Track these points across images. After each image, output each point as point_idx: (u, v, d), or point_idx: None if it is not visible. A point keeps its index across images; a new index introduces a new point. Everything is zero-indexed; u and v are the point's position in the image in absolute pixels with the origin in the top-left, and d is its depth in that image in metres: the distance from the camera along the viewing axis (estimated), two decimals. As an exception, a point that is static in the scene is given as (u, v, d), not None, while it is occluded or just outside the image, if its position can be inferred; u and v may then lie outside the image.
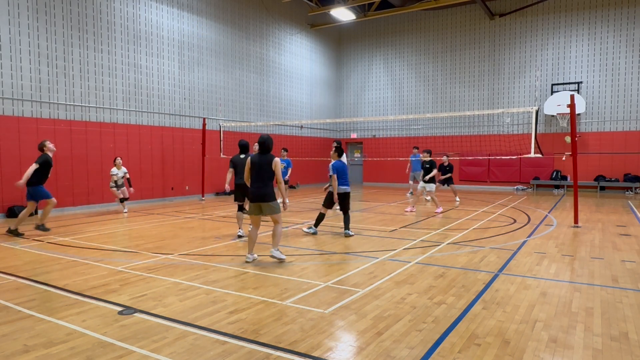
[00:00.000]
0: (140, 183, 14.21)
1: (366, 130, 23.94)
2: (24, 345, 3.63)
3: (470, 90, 21.07)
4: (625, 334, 3.85)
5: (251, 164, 6.45)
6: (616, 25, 18.02)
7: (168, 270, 5.99)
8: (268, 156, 6.40)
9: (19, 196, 11.32)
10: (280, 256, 6.40)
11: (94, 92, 12.99)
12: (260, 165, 6.38)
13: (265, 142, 6.42)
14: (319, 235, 8.62)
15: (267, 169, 6.35)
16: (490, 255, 6.87)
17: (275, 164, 6.35)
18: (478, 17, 20.70)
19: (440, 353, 3.48)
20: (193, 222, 10.42)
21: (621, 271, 5.93)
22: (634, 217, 11.21)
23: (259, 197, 6.32)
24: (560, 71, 19.08)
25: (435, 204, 12.56)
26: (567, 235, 8.57)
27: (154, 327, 4.01)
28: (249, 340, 3.71)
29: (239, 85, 18.21)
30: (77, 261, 6.51)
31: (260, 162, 6.39)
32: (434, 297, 4.82)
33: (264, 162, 6.38)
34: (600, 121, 18.38)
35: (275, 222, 6.47)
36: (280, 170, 6.44)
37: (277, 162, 6.38)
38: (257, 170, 6.38)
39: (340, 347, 3.61)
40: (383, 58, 23.34)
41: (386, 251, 7.16)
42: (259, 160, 6.41)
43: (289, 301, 4.69)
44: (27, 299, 4.80)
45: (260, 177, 6.36)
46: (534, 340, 3.72)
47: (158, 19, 14.83)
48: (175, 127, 15.53)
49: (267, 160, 6.37)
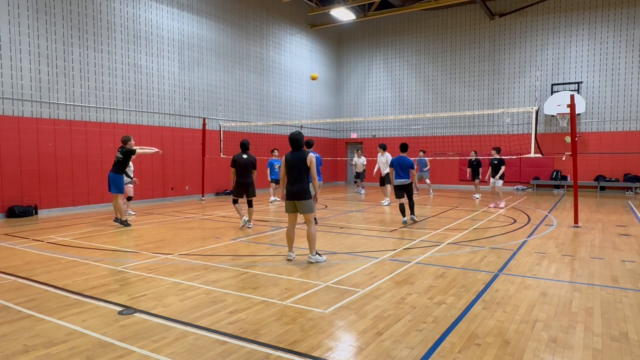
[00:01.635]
0: (140, 183, 14.21)
1: (366, 130, 23.94)
2: (24, 345, 3.63)
3: (470, 90, 21.07)
4: (625, 334, 3.85)
5: (285, 162, 6.41)
6: (616, 25, 18.02)
7: (168, 270, 5.98)
8: (302, 152, 6.34)
9: (19, 196, 11.33)
10: (321, 259, 6.36)
11: (94, 92, 12.99)
12: (293, 163, 6.32)
13: (295, 138, 6.34)
14: (319, 235, 8.61)
15: (302, 165, 6.28)
16: (490, 255, 6.87)
17: (310, 160, 6.28)
18: (478, 17, 20.70)
19: (440, 353, 3.48)
20: (193, 222, 10.42)
21: (621, 271, 5.93)
22: (634, 217, 11.21)
23: (294, 194, 6.29)
24: (560, 71, 19.08)
25: (499, 198, 13.11)
26: (567, 235, 8.57)
27: (154, 327, 4.01)
28: (249, 340, 3.71)
29: (239, 85, 18.21)
30: (77, 261, 6.51)
31: (294, 160, 6.34)
32: (434, 297, 4.82)
33: (297, 159, 6.32)
34: (600, 121, 18.38)
35: (308, 221, 6.38)
36: (315, 167, 6.35)
37: (312, 157, 6.31)
38: (291, 168, 6.34)
39: (340, 347, 3.61)
40: (383, 58, 23.33)
41: (386, 251, 7.16)
42: (292, 158, 6.36)
43: (289, 301, 4.69)
44: (27, 299, 4.80)
45: (295, 175, 6.31)
46: (534, 340, 3.72)
47: (158, 19, 14.83)
48: (175, 127, 15.53)
49: (302, 157, 6.31)
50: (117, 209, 9.58)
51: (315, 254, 6.38)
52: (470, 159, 15.39)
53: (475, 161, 15.11)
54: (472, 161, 15.24)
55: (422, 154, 16.58)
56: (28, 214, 11.23)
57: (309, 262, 6.37)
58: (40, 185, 11.74)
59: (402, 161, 10.09)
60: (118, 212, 9.59)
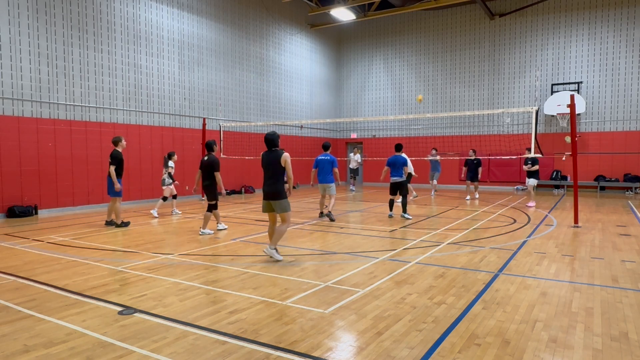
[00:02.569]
0: (140, 183, 14.22)
1: (366, 130, 23.94)
2: (24, 345, 3.63)
3: (470, 90, 21.07)
4: (625, 334, 3.85)
5: (261, 161, 6.50)
6: (616, 25, 18.01)
7: (168, 270, 5.98)
8: (276, 152, 6.40)
9: (19, 196, 11.33)
10: (277, 257, 6.40)
11: (94, 92, 12.99)
12: (269, 162, 6.41)
13: (269, 138, 6.41)
14: (319, 236, 8.61)
15: (277, 165, 6.35)
16: (490, 255, 6.87)
17: (285, 160, 6.34)
18: (478, 17, 20.70)
19: (440, 353, 3.48)
20: (193, 222, 10.42)
21: (621, 271, 5.93)
22: (634, 217, 11.21)
23: (269, 195, 6.39)
24: (560, 71, 19.08)
25: (531, 197, 13.25)
26: (567, 235, 8.56)
27: (154, 327, 4.01)
28: (249, 340, 3.71)
29: (239, 85, 18.21)
30: (77, 261, 6.51)
31: (269, 159, 6.43)
32: (434, 297, 4.82)
33: (272, 159, 6.40)
34: (600, 121, 18.38)
35: (283, 220, 6.49)
36: (290, 166, 6.41)
37: (287, 157, 6.36)
38: (266, 167, 6.44)
39: (340, 347, 3.61)
40: (383, 58, 23.33)
41: (386, 251, 7.16)
42: (267, 157, 6.46)
43: (289, 301, 4.69)
44: (27, 299, 4.80)
45: (270, 174, 6.40)
46: (534, 340, 3.72)
47: (158, 19, 14.83)
48: (175, 127, 15.53)
49: (276, 157, 6.37)
50: (115, 212, 9.51)
51: (273, 249, 6.40)
52: (469, 158, 15.19)
53: (476, 160, 14.98)
54: (472, 160, 15.03)
55: (435, 152, 16.63)
56: (28, 214, 11.23)
57: (264, 252, 6.50)
58: (40, 185, 11.74)
59: (396, 160, 10.70)
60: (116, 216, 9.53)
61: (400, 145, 11.00)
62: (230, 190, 17.19)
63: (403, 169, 10.67)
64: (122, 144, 9.65)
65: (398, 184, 10.76)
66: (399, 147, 11.00)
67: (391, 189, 10.98)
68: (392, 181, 10.84)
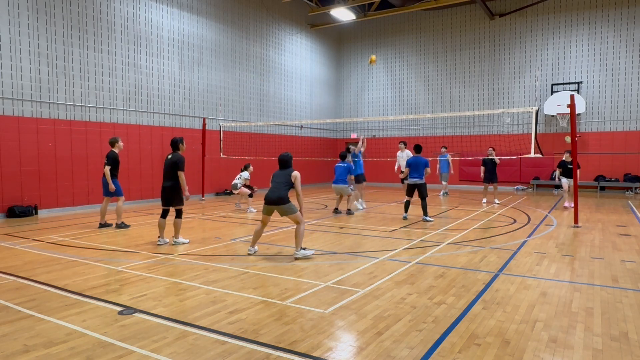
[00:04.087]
0: (140, 183, 14.22)
1: (366, 130, 23.93)
2: (24, 345, 3.63)
3: (470, 90, 21.07)
4: (625, 334, 3.85)
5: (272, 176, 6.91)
6: (616, 25, 18.02)
7: (168, 270, 5.99)
8: (289, 170, 6.82)
9: (19, 196, 11.33)
10: (308, 253, 6.63)
11: (94, 92, 12.99)
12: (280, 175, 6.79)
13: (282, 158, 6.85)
14: (319, 235, 8.61)
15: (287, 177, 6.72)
16: (490, 255, 6.87)
17: (295, 177, 6.68)
18: (478, 17, 20.70)
19: (440, 353, 3.48)
20: (193, 222, 10.41)
21: (621, 271, 5.93)
22: (634, 217, 11.21)
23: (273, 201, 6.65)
24: (560, 71, 19.08)
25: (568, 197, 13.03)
26: (567, 235, 8.57)
27: (154, 327, 4.01)
28: (249, 340, 3.71)
29: (239, 85, 18.21)
30: (77, 261, 6.51)
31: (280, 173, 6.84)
32: (434, 297, 4.82)
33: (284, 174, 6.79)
34: (600, 121, 18.38)
35: (297, 222, 6.70)
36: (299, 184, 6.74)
37: (297, 175, 6.71)
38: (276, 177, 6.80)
39: (340, 347, 3.61)
40: (383, 58, 23.33)
41: (386, 251, 7.16)
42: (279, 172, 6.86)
43: (289, 301, 4.69)
44: (27, 299, 4.80)
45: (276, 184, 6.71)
46: (534, 340, 3.72)
47: (158, 19, 14.83)
48: (175, 127, 15.52)
49: (288, 173, 6.78)
50: (117, 212, 9.53)
51: (300, 250, 6.61)
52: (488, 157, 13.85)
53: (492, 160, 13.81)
54: (491, 160, 13.76)
55: (444, 150, 16.52)
56: (28, 214, 11.23)
57: (295, 257, 6.58)
58: (40, 185, 11.74)
59: (417, 161, 10.52)
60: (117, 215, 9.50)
61: (420, 147, 10.89)
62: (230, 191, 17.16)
63: (424, 170, 10.45)
64: (119, 145, 9.61)
65: (416, 185, 10.47)
66: (419, 149, 10.84)
67: (408, 190, 10.67)
68: (410, 182, 10.56)
